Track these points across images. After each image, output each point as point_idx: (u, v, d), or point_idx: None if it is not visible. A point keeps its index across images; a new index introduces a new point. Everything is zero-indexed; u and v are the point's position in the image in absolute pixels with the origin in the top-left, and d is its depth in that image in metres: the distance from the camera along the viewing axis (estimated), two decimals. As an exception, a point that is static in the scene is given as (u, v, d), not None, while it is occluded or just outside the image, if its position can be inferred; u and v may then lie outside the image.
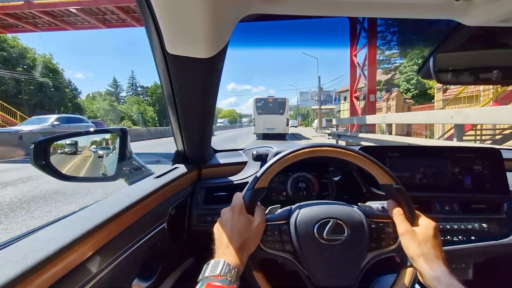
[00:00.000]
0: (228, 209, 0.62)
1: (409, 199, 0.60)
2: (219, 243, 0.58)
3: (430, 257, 0.53)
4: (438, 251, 0.55)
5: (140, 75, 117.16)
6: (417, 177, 1.03)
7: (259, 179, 0.62)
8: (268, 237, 0.61)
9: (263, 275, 0.62)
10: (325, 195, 1.09)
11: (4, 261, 0.39)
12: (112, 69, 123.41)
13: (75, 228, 0.50)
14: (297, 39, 3.50)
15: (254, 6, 0.55)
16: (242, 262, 0.55)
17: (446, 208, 0.96)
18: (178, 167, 0.99)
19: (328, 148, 0.63)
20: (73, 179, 0.91)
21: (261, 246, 0.61)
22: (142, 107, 44.18)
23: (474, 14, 0.58)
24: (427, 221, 0.59)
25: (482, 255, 0.96)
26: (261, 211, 0.62)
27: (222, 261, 0.52)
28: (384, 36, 19.99)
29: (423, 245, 0.55)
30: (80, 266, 0.47)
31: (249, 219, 0.59)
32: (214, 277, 0.49)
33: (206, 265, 0.53)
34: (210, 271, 0.51)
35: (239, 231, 0.57)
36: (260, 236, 0.60)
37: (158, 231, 0.73)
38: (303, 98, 49.50)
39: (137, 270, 0.66)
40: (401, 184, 0.61)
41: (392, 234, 0.61)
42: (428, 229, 0.57)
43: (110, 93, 50.19)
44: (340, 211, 0.62)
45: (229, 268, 0.51)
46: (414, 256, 0.55)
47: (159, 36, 0.54)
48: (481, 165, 1.02)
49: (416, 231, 0.57)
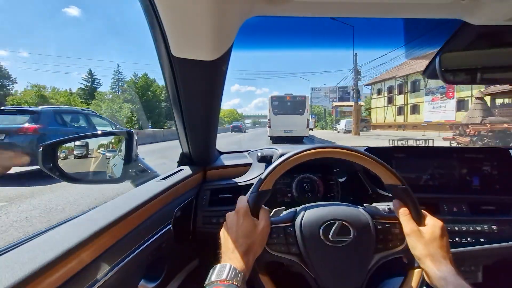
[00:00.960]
0: (232, 213, 0.62)
1: (415, 199, 0.59)
2: (225, 248, 0.58)
3: (437, 257, 0.53)
4: (445, 251, 0.54)
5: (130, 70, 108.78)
6: (424, 178, 1.02)
7: (264, 181, 0.62)
8: (274, 240, 0.61)
9: (269, 278, 0.62)
10: (330, 197, 1.08)
11: (13, 262, 0.40)
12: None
13: (82, 230, 0.51)
14: (305, 39, 3.42)
15: (258, 8, 0.56)
16: (248, 266, 0.55)
17: (454, 209, 0.95)
18: (183, 168, 1.00)
19: (333, 149, 0.63)
20: (80, 181, 0.93)
21: (266, 249, 0.60)
22: (117, 105, 35.07)
23: (481, 13, 0.58)
24: (434, 220, 0.58)
25: (491, 257, 0.94)
26: (266, 213, 0.62)
27: (228, 266, 0.52)
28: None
29: (430, 245, 0.54)
30: (87, 268, 0.47)
31: (254, 222, 0.59)
32: (221, 281, 0.49)
33: (212, 269, 0.53)
34: (216, 276, 0.50)
35: (244, 235, 0.57)
36: (266, 239, 0.60)
37: (164, 233, 0.73)
38: (315, 96, 44.77)
39: (143, 272, 0.66)
40: (406, 184, 0.60)
41: (399, 235, 0.60)
42: (435, 229, 0.56)
43: (85, 89, 42.95)
44: (345, 212, 0.62)
45: (235, 272, 0.51)
46: (421, 257, 0.54)
47: (164, 40, 0.55)
48: (490, 165, 1.00)
49: (423, 231, 0.56)
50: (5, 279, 0.36)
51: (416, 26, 0.76)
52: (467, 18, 0.61)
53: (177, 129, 0.90)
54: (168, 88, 0.73)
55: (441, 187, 1.01)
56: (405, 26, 0.76)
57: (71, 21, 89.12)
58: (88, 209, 0.65)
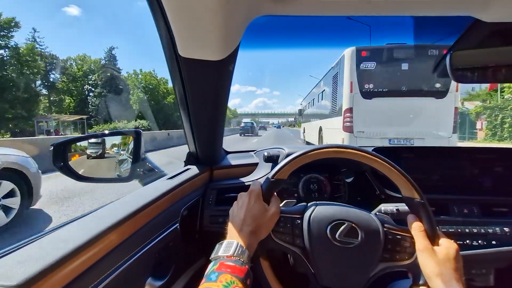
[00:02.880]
0: (245, 193, 0.63)
1: (432, 216, 0.58)
2: (232, 225, 0.59)
3: (448, 279, 0.51)
4: (458, 274, 0.52)
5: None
6: (433, 179, 1.00)
7: (281, 170, 0.62)
8: (280, 228, 0.61)
9: (269, 264, 0.62)
10: (337, 197, 1.07)
11: (26, 258, 0.41)
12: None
13: (91, 227, 0.51)
14: (313, 38, 3.14)
15: (265, 8, 0.55)
16: (252, 246, 0.56)
17: (465, 211, 0.93)
18: (190, 168, 1.00)
19: (355, 151, 0.62)
20: (89, 180, 0.94)
21: (271, 236, 0.61)
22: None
23: (493, 9, 0.56)
24: (449, 242, 0.56)
25: (504, 260, 0.91)
26: (277, 201, 0.63)
27: (236, 243, 0.53)
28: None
29: (442, 266, 0.52)
30: (96, 265, 0.48)
31: (264, 206, 0.61)
32: (227, 257, 0.50)
33: (218, 244, 0.54)
34: (223, 251, 0.52)
35: (253, 216, 0.58)
36: (273, 225, 0.61)
37: (171, 232, 0.74)
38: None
39: (150, 270, 0.67)
40: (425, 198, 0.58)
41: (408, 248, 0.59)
42: (450, 250, 0.54)
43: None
44: (357, 215, 0.61)
45: (242, 250, 0.52)
46: (431, 275, 0.53)
47: (172, 40, 0.55)
48: (502, 166, 0.98)
49: (436, 250, 0.55)
50: (18, 275, 0.37)
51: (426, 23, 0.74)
52: (479, 15, 0.59)
53: (184, 128, 0.91)
54: (175, 88, 0.74)
55: (451, 188, 0.98)
56: (415, 24, 0.75)
57: (72, 20, 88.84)
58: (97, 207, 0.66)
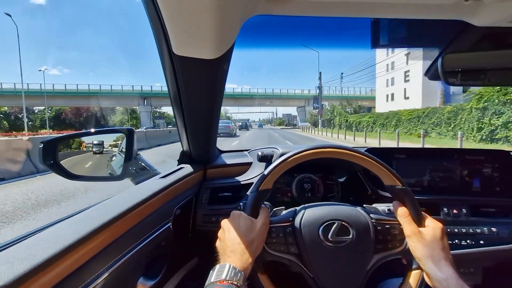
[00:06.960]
0: (226, 219, 0.61)
1: (415, 200, 0.59)
2: (224, 248, 0.57)
3: (438, 259, 0.53)
4: (446, 253, 0.54)
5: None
6: (424, 180, 1.02)
7: (264, 180, 0.61)
8: (273, 239, 0.61)
9: (268, 277, 0.61)
10: (330, 197, 1.08)
11: (13, 258, 0.40)
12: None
13: (81, 227, 0.50)
14: (308, 38, 3.30)
15: (261, 7, 0.55)
16: (248, 264, 0.53)
17: (454, 211, 0.94)
18: (183, 167, 1.00)
19: (333, 150, 0.63)
20: (80, 178, 0.92)
21: (266, 248, 0.60)
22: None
23: (484, 14, 0.57)
24: (434, 222, 0.58)
25: (491, 259, 0.94)
26: (265, 211, 0.62)
27: (228, 265, 0.51)
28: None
29: (431, 247, 0.54)
30: (86, 265, 0.47)
31: (251, 220, 0.59)
32: (220, 282, 0.48)
33: (212, 270, 0.52)
34: (216, 276, 0.49)
35: (243, 232, 0.56)
36: (265, 237, 0.59)
37: (163, 231, 0.73)
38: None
39: (142, 269, 0.66)
40: (406, 185, 0.60)
41: (398, 236, 0.60)
42: (436, 231, 0.56)
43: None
44: (345, 212, 0.62)
45: (235, 271, 0.50)
46: (422, 258, 0.54)
47: (166, 38, 0.55)
48: (490, 167, 1.00)
49: (423, 233, 0.56)
50: (5, 275, 0.36)
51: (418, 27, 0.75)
52: (470, 19, 0.60)
53: (178, 127, 0.90)
54: (169, 86, 0.73)
55: (442, 188, 1.00)
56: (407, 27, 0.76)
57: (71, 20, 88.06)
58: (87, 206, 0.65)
